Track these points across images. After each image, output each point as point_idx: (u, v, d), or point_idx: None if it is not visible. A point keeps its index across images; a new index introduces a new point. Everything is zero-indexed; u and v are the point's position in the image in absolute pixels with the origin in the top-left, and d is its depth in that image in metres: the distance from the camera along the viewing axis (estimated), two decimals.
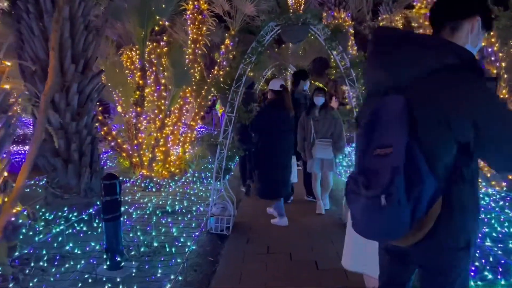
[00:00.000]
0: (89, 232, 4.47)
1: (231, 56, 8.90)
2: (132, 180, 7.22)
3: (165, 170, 7.79)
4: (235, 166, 8.11)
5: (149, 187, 6.83)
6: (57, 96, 5.24)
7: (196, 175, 7.86)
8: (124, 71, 7.98)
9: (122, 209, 5.39)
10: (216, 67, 9.04)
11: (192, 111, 8.85)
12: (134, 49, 8.11)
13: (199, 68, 8.90)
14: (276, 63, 10.12)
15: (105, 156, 9.44)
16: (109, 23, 9.17)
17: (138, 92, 6.85)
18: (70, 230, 4.45)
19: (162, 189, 6.73)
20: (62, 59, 5.26)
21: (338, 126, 5.34)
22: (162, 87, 7.49)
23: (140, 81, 6.82)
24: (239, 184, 7.22)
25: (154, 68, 7.67)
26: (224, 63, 8.88)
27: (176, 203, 5.86)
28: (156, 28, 7.40)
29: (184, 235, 4.40)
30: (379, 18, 15.23)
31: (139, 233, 4.36)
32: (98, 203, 5.46)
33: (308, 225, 5.10)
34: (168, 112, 7.71)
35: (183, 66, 6.90)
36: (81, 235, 4.41)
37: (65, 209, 5.24)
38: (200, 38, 8.81)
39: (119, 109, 7.77)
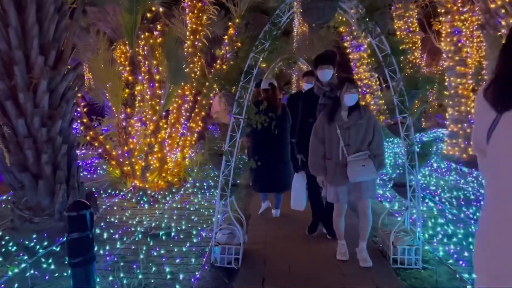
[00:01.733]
0: (57, 274, 3.44)
1: (235, 47, 7.86)
2: (122, 193, 6.19)
3: (161, 180, 6.77)
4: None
5: (142, 202, 5.81)
6: (22, 96, 4.21)
7: (197, 184, 6.83)
8: (114, 66, 6.94)
9: (105, 235, 4.42)
10: (218, 61, 8.00)
11: (192, 111, 7.82)
12: (128, 42, 7.08)
13: (199, 63, 7.87)
14: (285, 56, 9.09)
15: (96, 162, 8.42)
16: (101, 15, 8.17)
17: (127, 90, 5.82)
18: (32, 271, 3.41)
19: (157, 204, 5.70)
20: (28, 50, 4.23)
21: (377, 131, 3.76)
22: (156, 84, 6.45)
23: (130, 77, 5.78)
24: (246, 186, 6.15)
25: (147, 62, 6.63)
26: (228, 55, 7.84)
27: (173, 224, 4.83)
28: (148, 14, 6.36)
29: (181, 276, 3.36)
30: None
31: (122, 274, 3.33)
32: None
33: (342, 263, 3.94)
34: (163, 113, 6.68)
35: (179, 60, 5.86)
36: (47, 277, 3.37)
37: (34, 236, 4.23)
38: (200, 28, 7.78)
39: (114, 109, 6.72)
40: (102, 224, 4.79)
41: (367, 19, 3.86)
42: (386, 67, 3.90)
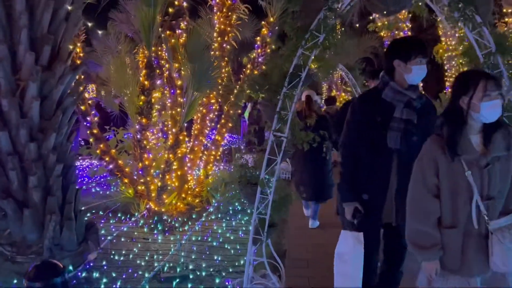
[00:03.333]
0: None
1: (268, 50, 6.88)
2: (134, 218, 5.26)
3: (181, 202, 5.80)
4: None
5: (156, 231, 4.85)
6: (6, 103, 3.34)
7: (221, 208, 5.82)
8: (133, 71, 6.09)
9: (104, 280, 3.40)
10: (248, 65, 7.03)
11: (218, 121, 6.87)
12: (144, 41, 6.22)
13: (227, 68, 6.92)
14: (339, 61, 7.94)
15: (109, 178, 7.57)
16: (124, 16, 7.38)
17: (142, 98, 4.90)
18: None
19: (172, 237, 4.72)
20: (14, 44, 3.37)
21: None
22: (177, 91, 5.52)
23: (146, 82, 4.87)
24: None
25: (167, 65, 5.73)
26: (260, 59, 6.86)
27: (191, 265, 3.83)
28: (170, 9, 5.46)
29: None
30: None
31: None
32: (71, 268, 3.53)
33: None
34: (185, 124, 5.74)
35: (205, 63, 4.90)
36: None
37: (15, 281, 3.33)
38: (228, 29, 6.85)
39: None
40: (103, 263, 3.84)
41: (463, 3, 2.78)
42: (490, 70, 2.79)
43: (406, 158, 2.35)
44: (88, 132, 5.65)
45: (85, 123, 5.67)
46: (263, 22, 6.83)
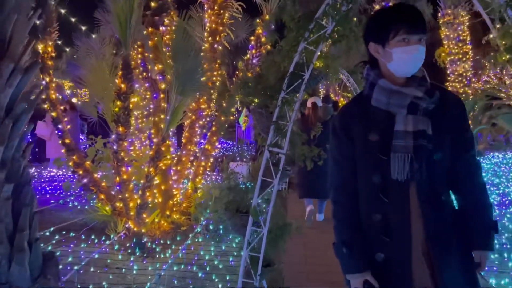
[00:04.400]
0: None
1: (263, 50, 6.28)
2: (110, 240, 4.60)
3: (165, 221, 5.15)
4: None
5: (133, 257, 4.20)
6: None
7: (210, 227, 5.17)
8: (111, 72, 5.48)
9: None
10: (242, 67, 6.42)
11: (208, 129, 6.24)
12: (136, 45, 5.61)
13: (219, 71, 6.31)
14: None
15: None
16: (110, 16, 6.77)
17: (118, 103, 4.26)
18: None
19: (151, 266, 4.07)
20: None
21: None
22: (161, 95, 4.88)
23: (122, 85, 4.24)
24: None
25: (149, 67, 5.11)
26: (254, 60, 6.26)
27: None
28: (153, 3, 4.83)
29: None
30: None
31: None
32: None
33: None
34: (170, 132, 5.11)
35: (191, 63, 4.27)
36: None
37: None
38: (220, 28, 6.25)
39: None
40: None
41: None
42: None
43: (429, 188, 1.55)
44: (60, 142, 5.00)
45: (56, 132, 5.03)
46: (257, 20, 6.23)
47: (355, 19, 2.38)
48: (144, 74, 5.08)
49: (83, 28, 6.77)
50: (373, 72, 1.61)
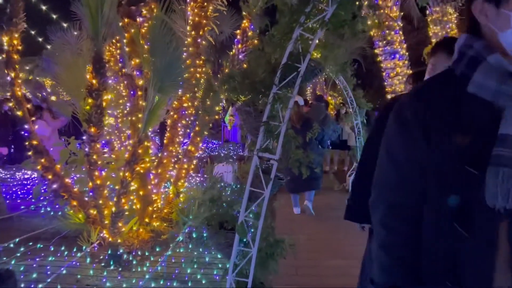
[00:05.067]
0: None
1: (250, 45, 5.91)
2: (83, 251, 4.18)
3: (144, 229, 4.75)
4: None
5: (106, 272, 3.79)
6: None
7: (193, 235, 4.78)
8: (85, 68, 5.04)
9: None
10: (227, 63, 6.04)
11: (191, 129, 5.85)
12: (115, 40, 5.19)
13: (203, 68, 5.92)
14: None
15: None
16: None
17: (90, 101, 3.83)
18: None
19: (128, 276, 3.67)
20: None
21: None
22: (138, 93, 4.47)
23: (94, 81, 3.81)
24: None
25: (127, 61, 4.69)
26: (240, 56, 5.88)
27: None
28: None
29: None
30: None
31: None
32: None
33: None
34: (149, 133, 4.70)
35: (170, 57, 3.87)
36: None
37: None
38: (204, 22, 5.87)
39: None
40: None
41: None
42: None
43: None
44: (26, 143, 4.55)
45: (23, 133, 4.58)
46: (244, 13, 5.86)
47: (357, 2, 2.04)
48: (117, 68, 4.66)
49: (65, 24, 6.35)
50: (478, 43, 1.08)
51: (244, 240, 2.01)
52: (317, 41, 2.01)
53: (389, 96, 11.32)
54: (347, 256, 4.55)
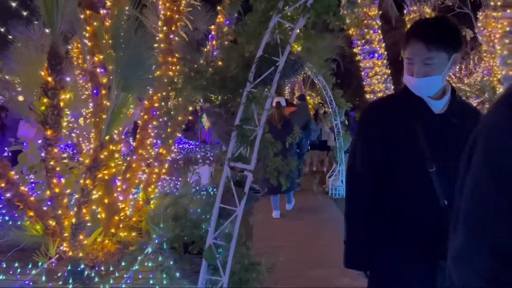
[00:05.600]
0: None
1: (226, 42, 5.59)
2: (39, 267, 3.76)
3: (109, 240, 4.36)
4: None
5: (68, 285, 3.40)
6: None
7: (164, 246, 4.41)
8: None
9: None
10: (201, 61, 5.69)
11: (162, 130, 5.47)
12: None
13: (177, 66, 5.56)
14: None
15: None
16: None
17: (45, 100, 3.43)
18: None
19: None
20: None
21: None
22: (102, 91, 4.08)
23: (49, 79, 3.41)
24: None
25: (88, 57, 4.29)
26: (215, 53, 5.55)
27: None
28: None
29: None
30: None
31: None
32: None
33: None
34: (115, 136, 4.31)
35: (135, 52, 3.51)
36: None
37: None
38: (176, 17, 5.52)
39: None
40: None
41: None
42: None
43: None
44: None
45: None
46: (218, 8, 5.53)
47: None
48: (85, 66, 4.26)
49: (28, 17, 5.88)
50: None
51: (213, 266, 1.70)
52: (298, 31, 1.71)
53: (368, 96, 11.22)
54: (330, 264, 4.30)
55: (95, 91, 4.16)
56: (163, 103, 5.49)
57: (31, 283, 3.50)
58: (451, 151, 1.30)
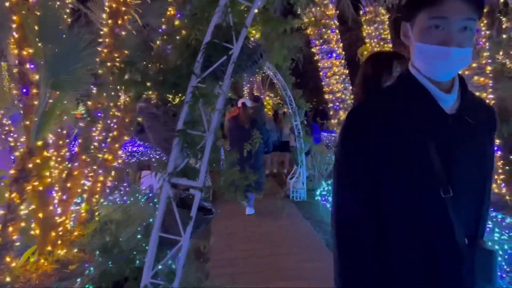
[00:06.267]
0: None
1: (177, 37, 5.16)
2: None
3: (45, 259, 3.82)
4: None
5: None
6: None
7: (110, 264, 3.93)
8: None
9: None
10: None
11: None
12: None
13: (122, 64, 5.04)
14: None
15: None
16: None
17: None
18: None
19: None
20: None
21: None
22: (33, 90, 3.54)
23: None
24: None
25: (16, 51, 3.72)
26: (168, 50, 5.11)
27: None
28: None
29: None
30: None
31: None
32: None
33: None
34: (47, 139, 3.78)
35: (67, 45, 3.02)
36: None
37: None
38: (123, 9, 5.06)
39: None
40: None
41: None
42: None
43: None
44: None
45: None
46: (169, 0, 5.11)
47: None
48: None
49: None
50: None
51: None
52: (256, 11, 1.37)
53: (326, 96, 11.12)
54: (293, 277, 4.01)
55: (24, 90, 3.61)
56: (112, 104, 5.01)
57: None
58: (469, 167, 1.00)
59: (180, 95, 1.37)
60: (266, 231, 5.43)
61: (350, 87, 11.01)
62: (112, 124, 5.02)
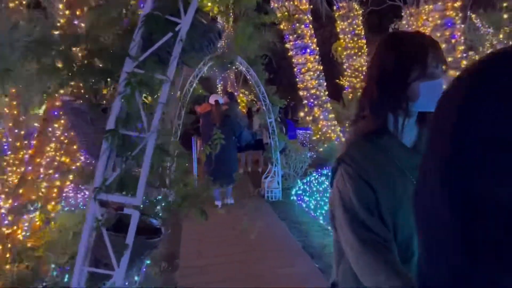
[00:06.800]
0: None
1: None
2: None
3: None
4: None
5: None
6: None
7: (65, 278, 3.54)
8: None
9: None
10: None
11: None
12: None
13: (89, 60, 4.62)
14: (217, 54, 6.39)
15: None
16: None
17: None
18: None
19: None
20: None
21: None
22: None
23: None
24: None
25: None
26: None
27: None
28: None
29: None
30: None
31: None
32: None
33: None
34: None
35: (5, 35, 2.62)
36: None
37: None
38: None
39: None
40: None
41: None
42: None
43: None
44: None
45: None
46: None
47: None
48: None
49: None
50: None
51: None
52: None
53: (301, 93, 10.91)
54: (269, 282, 3.75)
55: None
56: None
57: None
58: None
59: (112, 84, 1.05)
60: (240, 234, 5.14)
61: (325, 83, 10.84)
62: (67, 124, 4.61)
